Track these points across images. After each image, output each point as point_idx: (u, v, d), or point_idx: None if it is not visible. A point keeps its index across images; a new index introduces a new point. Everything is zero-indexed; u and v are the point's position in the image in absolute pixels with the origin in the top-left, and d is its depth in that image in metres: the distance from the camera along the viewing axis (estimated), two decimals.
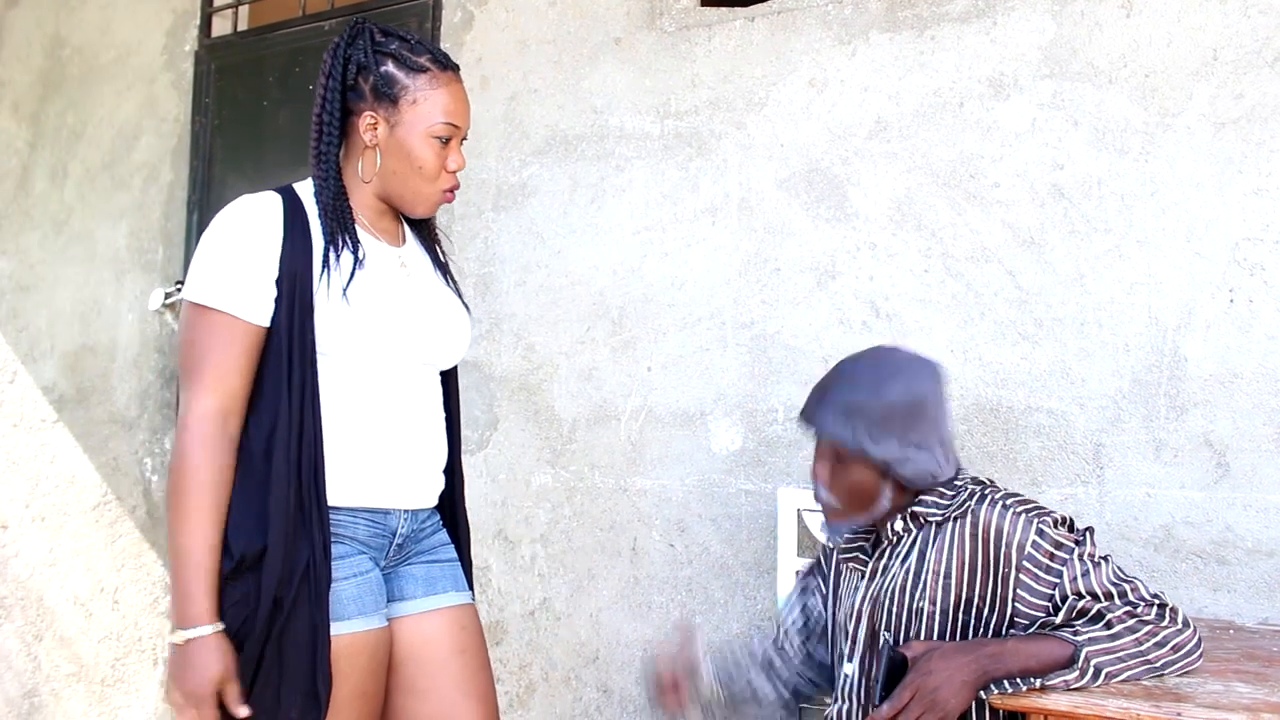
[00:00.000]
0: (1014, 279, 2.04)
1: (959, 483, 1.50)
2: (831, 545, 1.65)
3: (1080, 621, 1.35)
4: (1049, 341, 2.01)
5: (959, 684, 1.31)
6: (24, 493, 3.44)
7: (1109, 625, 1.33)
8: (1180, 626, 1.36)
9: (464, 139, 1.55)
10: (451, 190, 1.56)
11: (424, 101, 1.49)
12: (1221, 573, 1.85)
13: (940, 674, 1.32)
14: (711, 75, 2.40)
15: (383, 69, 1.49)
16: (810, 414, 1.51)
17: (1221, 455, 1.86)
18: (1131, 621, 1.33)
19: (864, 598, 1.53)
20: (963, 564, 1.43)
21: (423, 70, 1.50)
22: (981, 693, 1.32)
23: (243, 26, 3.23)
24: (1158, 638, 1.34)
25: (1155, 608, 1.36)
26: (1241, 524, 1.84)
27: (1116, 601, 1.35)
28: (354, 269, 1.47)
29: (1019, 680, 1.31)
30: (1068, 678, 1.30)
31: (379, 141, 1.50)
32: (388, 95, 1.49)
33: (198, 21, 3.26)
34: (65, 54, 3.54)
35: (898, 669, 1.37)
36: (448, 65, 1.53)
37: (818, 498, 1.53)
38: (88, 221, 3.40)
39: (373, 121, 1.50)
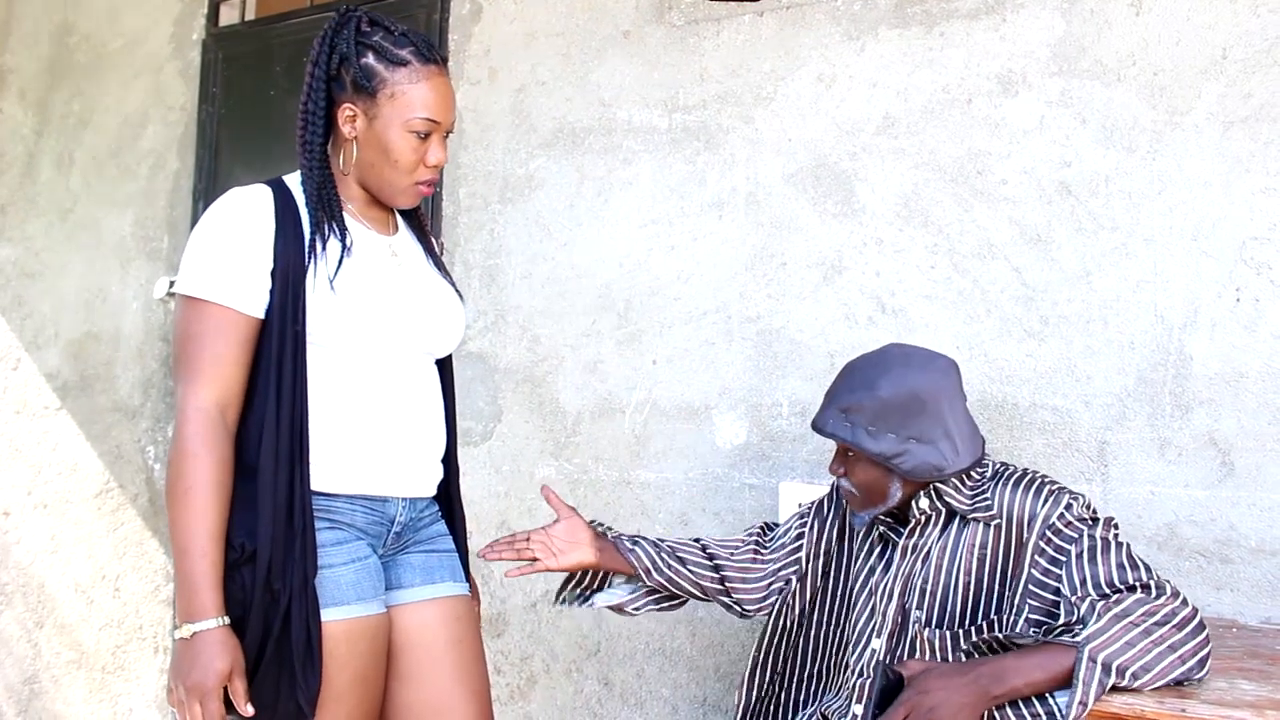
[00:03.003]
0: (1020, 276, 2.04)
1: (981, 470, 1.55)
2: (858, 526, 1.69)
3: (1078, 624, 1.33)
4: (1054, 339, 2.01)
5: (957, 705, 1.29)
6: (26, 480, 3.44)
7: (1099, 616, 1.31)
8: (1178, 603, 1.33)
9: (448, 133, 1.53)
10: (428, 183, 1.53)
11: (402, 96, 1.46)
12: (1225, 571, 1.85)
13: (937, 694, 1.30)
14: (720, 69, 2.40)
15: (363, 61, 1.47)
16: (817, 415, 1.61)
17: (1226, 454, 1.86)
18: (1127, 603, 1.32)
19: (894, 575, 1.57)
20: (997, 542, 1.49)
21: (403, 63, 1.47)
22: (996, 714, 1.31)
23: (250, 16, 3.24)
24: (1157, 616, 1.31)
25: (1153, 588, 1.35)
26: (1245, 523, 1.84)
27: (1108, 591, 1.35)
28: (341, 257, 1.47)
29: (1034, 700, 1.29)
30: (1077, 692, 1.24)
31: (357, 134, 1.49)
32: (366, 88, 1.47)
33: (205, 10, 3.26)
34: (73, 41, 3.54)
35: (892, 687, 1.35)
36: (430, 58, 1.50)
37: (841, 487, 1.62)
38: (93, 209, 3.40)
39: (351, 114, 1.48)
